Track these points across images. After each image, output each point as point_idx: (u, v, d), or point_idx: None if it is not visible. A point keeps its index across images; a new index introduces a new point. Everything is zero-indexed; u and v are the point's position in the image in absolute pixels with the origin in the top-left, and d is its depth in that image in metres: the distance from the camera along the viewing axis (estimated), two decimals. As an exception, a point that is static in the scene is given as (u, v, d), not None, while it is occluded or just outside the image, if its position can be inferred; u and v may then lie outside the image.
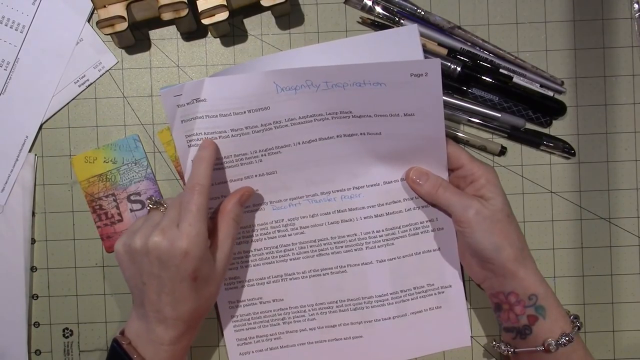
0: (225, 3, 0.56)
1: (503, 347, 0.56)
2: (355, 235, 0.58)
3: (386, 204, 0.58)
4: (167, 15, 0.56)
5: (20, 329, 0.60)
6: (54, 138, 0.61)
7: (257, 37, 0.61)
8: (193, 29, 0.61)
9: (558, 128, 0.61)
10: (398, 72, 0.51)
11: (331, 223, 0.58)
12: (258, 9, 0.60)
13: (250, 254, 0.59)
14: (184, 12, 0.56)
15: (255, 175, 0.57)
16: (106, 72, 0.61)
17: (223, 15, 0.57)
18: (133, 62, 0.61)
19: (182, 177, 0.60)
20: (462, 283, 0.59)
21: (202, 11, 0.56)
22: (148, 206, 0.54)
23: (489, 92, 0.61)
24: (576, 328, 0.53)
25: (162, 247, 0.50)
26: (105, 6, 0.56)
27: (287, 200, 0.58)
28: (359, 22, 0.61)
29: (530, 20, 0.61)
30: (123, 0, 0.56)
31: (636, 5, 0.61)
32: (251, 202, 0.58)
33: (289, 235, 0.58)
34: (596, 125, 0.61)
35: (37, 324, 0.61)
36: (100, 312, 0.61)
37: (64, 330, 0.61)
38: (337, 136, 0.55)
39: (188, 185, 0.52)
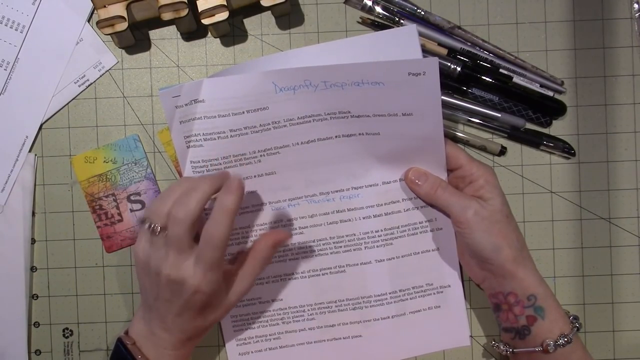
0: (225, 3, 0.56)
1: (502, 347, 0.56)
2: (354, 235, 0.58)
3: (385, 204, 0.58)
4: (167, 15, 0.56)
5: (20, 329, 0.60)
6: (54, 138, 0.61)
7: (257, 37, 0.61)
8: (193, 29, 0.61)
9: (558, 128, 0.61)
10: (396, 71, 0.51)
11: (330, 223, 0.58)
12: (258, 9, 0.60)
13: (250, 254, 0.59)
14: (184, 12, 0.56)
15: (254, 176, 0.57)
16: (106, 72, 0.61)
17: (223, 15, 0.57)
18: (133, 62, 0.61)
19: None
20: (461, 283, 0.59)
21: (202, 11, 0.56)
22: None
23: (489, 92, 0.61)
24: (575, 329, 0.53)
25: (174, 279, 0.50)
26: (105, 6, 0.56)
27: (286, 200, 0.58)
28: (359, 22, 0.61)
29: (530, 20, 0.61)
30: (123, 0, 0.56)
31: (636, 5, 0.61)
32: (250, 202, 0.58)
33: (288, 235, 0.58)
34: (596, 125, 0.61)
35: (37, 324, 0.61)
36: (100, 312, 0.61)
37: (64, 330, 0.62)
38: (336, 136, 0.55)
39: (207, 231, 0.48)
